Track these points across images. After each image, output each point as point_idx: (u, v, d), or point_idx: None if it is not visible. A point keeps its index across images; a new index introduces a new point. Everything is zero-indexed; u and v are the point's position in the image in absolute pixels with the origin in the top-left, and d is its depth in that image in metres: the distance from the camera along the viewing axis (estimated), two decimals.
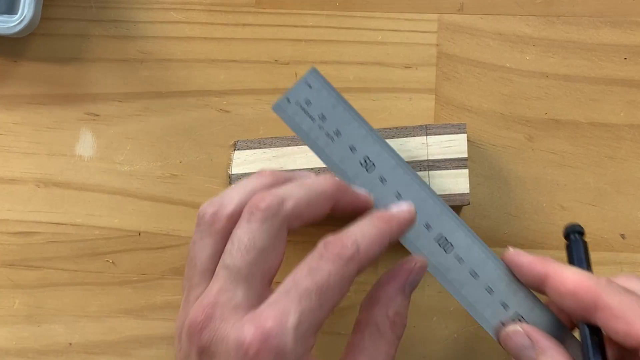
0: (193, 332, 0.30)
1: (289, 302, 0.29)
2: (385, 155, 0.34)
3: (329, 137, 0.35)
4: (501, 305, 0.34)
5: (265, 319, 0.29)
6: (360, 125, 0.35)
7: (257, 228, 0.31)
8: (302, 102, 0.35)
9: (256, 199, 0.31)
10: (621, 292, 0.31)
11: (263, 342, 0.29)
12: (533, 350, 0.33)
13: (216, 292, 0.30)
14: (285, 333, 0.29)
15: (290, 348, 0.29)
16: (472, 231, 0.34)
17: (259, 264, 0.31)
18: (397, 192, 0.34)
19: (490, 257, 0.34)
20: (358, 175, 0.35)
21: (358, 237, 0.31)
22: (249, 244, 0.31)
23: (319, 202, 0.33)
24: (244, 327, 0.29)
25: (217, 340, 0.30)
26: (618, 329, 0.31)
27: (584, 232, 0.35)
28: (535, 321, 0.34)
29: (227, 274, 0.30)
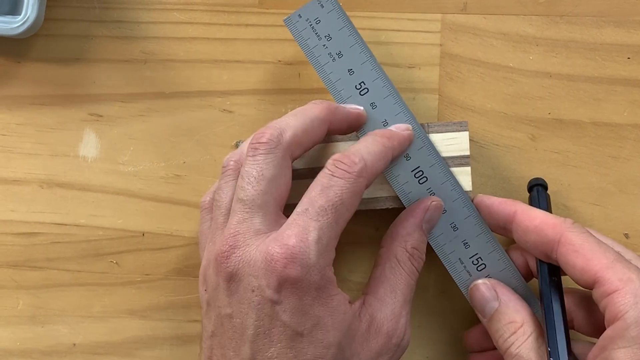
0: (220, 262, 0.32)
1: (308, 220, 0.32)
2: (380, 83, 0.37)
3: (330, 57, 0.37)
4: (462, 244, 0.37)
5: (288, 237, 0.31)
6: (362, 51, 0.37)
7: (262, 160, 0.33)
8: (312, 20, 0.37)
9: (257, 135, 0.34)
10: (584, 232, 0.33)
11: (289, 257, 0.31)
12: (496, 302, 0.35)
13: (235, 223, 0.33)
14: (308, 248, 0.31)
15: (313, 261, 0.31)
16: (450, 170, 0.37)
17: (270, 192, 0.33)
18: (384, 120, 0.37)
19: (461, 196, 0.37)
20: (352, 96, 0.37)
21: (364, 154, 0.34)
22: (258, 175, 0.33)
23: (315, 127, 0.35)
24: (269, 247, 0.31)
25: (244, 263, 0.32)
26: (576, 264, 0.32)
27: (547, 186, 0.38)
28: (492, 265, 0.36)
29: (243, 206, 0.33)
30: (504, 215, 0.35)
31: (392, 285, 0.35)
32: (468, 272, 0.36)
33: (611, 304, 0.30)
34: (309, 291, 0.31)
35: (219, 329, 0.33)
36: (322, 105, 0.35)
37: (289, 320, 0.31)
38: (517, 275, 0.36)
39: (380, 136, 0.35)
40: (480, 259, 0.36)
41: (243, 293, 0.32)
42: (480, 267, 0.36)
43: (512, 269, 0.36)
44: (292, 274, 0.31)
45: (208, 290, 0.34)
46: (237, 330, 0.32)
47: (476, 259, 0.36)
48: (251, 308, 0.31)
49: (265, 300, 0.31)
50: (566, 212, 0.40)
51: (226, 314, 0.32)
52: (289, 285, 0.31)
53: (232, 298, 0.32)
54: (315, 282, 0.31)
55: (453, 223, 0.37)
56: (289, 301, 0.31)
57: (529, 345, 0.33)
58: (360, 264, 0.40)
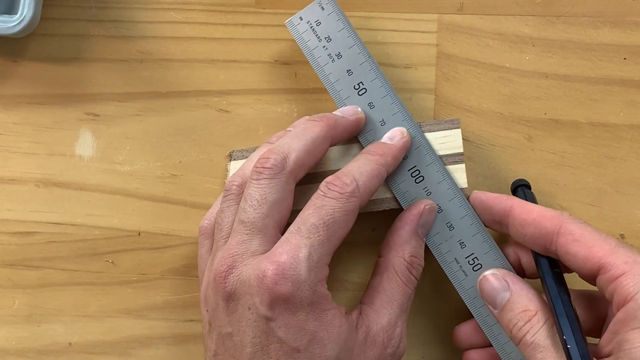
0: (218, 282, 0.33)
1: (300, 238, 0.32)
2: (378, 83, 0.38)
3: (330, 58, 0.38)
4: (458, 243, 0.37)
5: (279, 255, 0.32)
6: (361, 52, 0.38)
7: (266, 184, 0.33)
8: (313, 22, 0.38)
9: (261, 160, 0.34)
10: (582, 222, 0.33)
11: (280, 274, 0.31)
12: (508, 292, 0.34)
13: (235, 244, 0.33)
14: (298, 265, 0.32)
15: (304, 277, 0.32)
16: (446, 168, 0.37)
17: (271, 215, 0.33)
18: (382, 119, 0.37)
19: (458, 196, 0.37)
20: (350, 96, 0.38)
21: (355, 175, 0.34)
22: (261, 199, 0.33)
23: (317, 146, 0.35)
24: (261, 265, 0.32)
25: (241, 282, 0.32)
26: (578, 252, 0.32)
27: (530, 186, 0.38)
28: (488, 265, 0.36)
29: (243, 227, 0.33)
30: (499, 210, 0.35)
31: (389, 295, 0.35)
32: (464, 271, 0.36)
33: (620, 287, 0.30)
34: (301, 307, 0.32)
35: (220, 348, 0.33)
36: (322, 122, 0.36)
37: (285, 336, 0.32)
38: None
39: (372, 154, 0.36)
40: (476, 258, 0.36)
41: (241, 312, 0.32)
42: (477, 267, 0.36)
43: (508, 269, 0.36)
44: (282, 290, 0.31)
45: (209, 311, 0.34)
46: (237, 348, 0.32)
47: (472, 258, 0.36)
48: (248, 326, 0.32)
49: (260, 317, 0.32)
50: None
51: (226, 333, 0.33)
52: (281, 301, 0.31)
53: (231, 317, 0.33)
54: (307, 297, 0.32)
55: (449, 222, 0.37)
56: (283, 317, 0.32)
57: (545, 333, 0.32)
58: (356, 263, 0.41)
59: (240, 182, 0.36)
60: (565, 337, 0.31)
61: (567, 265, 0.33)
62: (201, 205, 0.41)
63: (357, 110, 0.37)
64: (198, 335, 0.41)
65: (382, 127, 0.37)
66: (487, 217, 0.36)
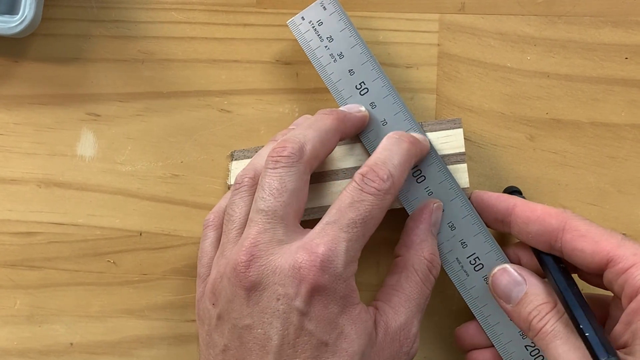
0: (239, 272, 0.32)
1: (338, 231, 0.32)
2: (380, 83, 0.38)
3: (332, 58, 0.38)
4: (460, 243, 0.37)
5: (316, 246, 0.31)
6: (363, 52, 0.38)
7: (285, 172, 0.33)
8: (315, 22, 0.38)
9: (278, 149, 0.33)
10: (586, 219, 0.33)
11: (318, 266, 0.31)
12: (524, 285, 0.34)
13: (256, 233, 0.32)
14: (337, 258, 0.31)
15: (341, 271, 0.31)
16: (447, 168, 0.37)
17: (291, 204, 0.33)
18: (384, 119, 0.38)
19: (459, 195, 0.37)
20: (352, 96, 0.38)
21: (391, 168, 0.34)
22: (281, 187, 0.33)
23: (329, 138, 0.35)
24: (296, 255, 0.31)
25: (269, 272, 0.31)
26: (585, 248, 0.32)
27: (522, 192, 0.38)
28: (490, 264, 0.36)
29: (264, 216, 0.32)
30: (502, 209, 0.35)
31: (407, 294, 0.35)
32: (465, 271, 0.36)
33: (630, 278, 0.31)
34: (334, 300, 0.31)
35: (234, 342, 0.32)
36: (332, 115, 0.36)
37: (315, 330, 0.31)
38: None
39: (405, 141, 0.35)
40: (477, 258, 0.36)
41: (267, 302, 0.31)
42: (478, 267, 0.36)
43: None
44: (320, 282, 0.31)
45: (219, 304, 0.33)
46: (258, 341, 0.31)
47: (474, 258, 0.36)
48: (276, 317, 0.31)
49: (291, 309, 0.31)
50: None
51: (245, 325, 0.32)
52: (316, 293, 0.31)
53: (253, 308, 0.32)
54: (341, 291, 0.31)
55: (451, 222, 0.37)
56: (316, 310, 0.31)
57: (565, 322, 0.33)
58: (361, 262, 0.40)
59: (252, 174, 0.35)
60: (582, 326, 0.31)
61: (573, 262, 0.33)
62: (203, 206, 0.41)
63: (361, 107, 0.37)
64: None
65: (384, 127, 0.37)
66: (490, 217, 0.36)
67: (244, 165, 0.40)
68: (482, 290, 0.36)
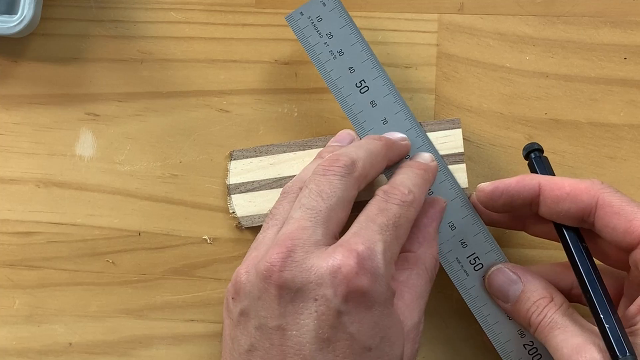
0: (272, 269, 0.30)
1: (372, 233, 0.31)
2: (380, 82, 0.37)
3: (331, 55, 0.37)
4: (460, 243, 0.36)
5: (355, 244, 0.30)
6: (363, 49, 0.38)
7: (336, 180, 0.32)
8: (314, 18, 0.37)
9: (331, 159, 0.33)
10: (617, 192, 0.32)
11: (359, 263, 0.29)
12: (519, 284, 0.34)
13: (295, 229, 0.31)
14: (376, 257, 0.30)
15: (382, 271, 0.30)
16: (448, 168, 0.37)
17: (336, 211, 0.32)
18: (384, 118, 0.37)
19: (459, 195, 0.37)
20: (352, 94, 0.37)
21: (411, 187, 0.33)
22: (330, 191, 0.32)
23: (378, 162, 0.34)
24: (335, 253, 0.30)
25: (305, 271, 0.30)
26: (618, 226, 0.32)
27: (543, 149, 0.36)
28: (489, 264, 0.36)
29: (308, 214, 0.31)
30: (527, 192, 0.34)
31: (419, 292, 0.34)
32: (465, 271, 0.36)
33: None
34: (377, 302, 0.30)
35: (262, 342, 0.30)
36: (382, 141, 0.35)
37: (357, 333, 0.29)
38: None
39: (417, 168, 0.35)
40: (477, 258, 0.36)
41: (302, 303, 0.29)
42: (478, 266, 0.36)
43: None
44: (361, 282, 0.29)
45: (242, 299, 0.31)
46: (292, 344, 0.29)
47: (473, 258, 0.36)
48: (313, 319, 0.29)
49: (330, 310, 0.29)
50: None
51: (276, 326, 0.30)
52: (358, 294, 0.29)
53: (285, 308, 0.30)
54: (383, 293, 0.30)
55: (451, 222, 0.37)
56: (357, 312, 0.29)
57: (563, 313, 0.32)
58: None
59: (300, 185, 0.34)
60: (602, 316, 0.31)
61: (603, 237, 0.33)
62: (201, 205, 0.41)
63: (404, 136, 0.37)
64: (199, 336, 0.41)
65: (384, 126, 0.37)
66: (515, 202, 0.34)
67: (242, 164, 0.40)
68: (481, 290, 0.36)
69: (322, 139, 0.40)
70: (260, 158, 0.40)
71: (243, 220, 0.40)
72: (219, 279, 0.41)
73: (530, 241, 0.40)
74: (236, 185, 0.40)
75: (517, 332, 0.36)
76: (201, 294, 0.41)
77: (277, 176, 0.40)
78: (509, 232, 0.40)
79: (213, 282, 0.41)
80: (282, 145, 0.40)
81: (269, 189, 0.40)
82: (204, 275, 0.41)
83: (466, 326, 0.40)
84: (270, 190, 0.40)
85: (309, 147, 0.40)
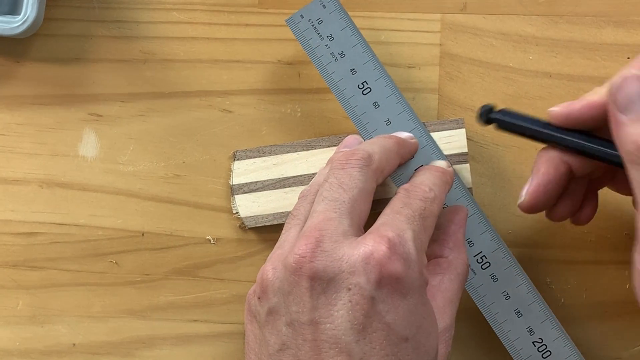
0: (302, 262, 0.29)
1: (400, 222, 0.30)
2: (383, 83, 0.37)
3: (333, 57, 0.37)
4: (466, 242, 0.36)
5: (385, 231, 0.30)
6: (365, 51, 0.38)
7: (356, 172, 0.32)
8: (315, 21, 0.37)
9: (347, 154, 0.32)
10: None
11: (390, 249, 0.29)
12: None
13: (321, 220, 0.30)
14: (406, 243, 0.30)
15: (414, 257, 0.30)
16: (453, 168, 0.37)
17: (359, 202, 0.31)
18: (387, 119, 0.37)
19: (465, 195, 0.37)
20: (354, 96, 0.37)
21: (431, 185, 0.33)
22: (351, 183, 0.31)
23: (392, 158, 0.35)
24: (365, 240, 0.29)
25: (336, 260, 0.29)
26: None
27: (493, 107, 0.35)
28: (496, 263, 0.36)
29: (333, 205, 0.31)
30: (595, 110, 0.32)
31: (450, 296, 0.33)
32: (472, 270, 0.36)
33: None
34: (412, 289, 0.29)
35: (295, 340, 0.29)
36: (393, 139, 0.35)
37: (394, 322, 0.28)
38: (521, 273, 0.36)
39: (439, 171, 0.35)
40: (484, 257, 0.36)
41: (334, 294, 0.28)
42: (485, 265, 0.36)
43: (516, 267, 0.36)
44: (394, 267, 0.29)
45: (270, 298, 0.30)
46: (327, 337, 0.28)
47: (480, 257, 0.36)
48: (347, 309, 0.28)
49: (364, 298, 0.28)
50: None
51: (308, 320, 0.29)
52: (392, 281, 0.28)
53: (317, 300, 0.28)
54: (417, 279, 0.29)
55: None
56: (393, 299, 0.29)
57: None
58: None
59: (318, 188, 0.33)
60: None
61: None
62: (204, 206, 0.41)
63: (412, 135, 0.37)
64: (202, 336, 0.41)
65: (387, 127, 0.37)
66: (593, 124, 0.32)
67: (246, 165, 0.40)
68: (489, 288, 0.36)
69: (326, 139, 0.40)
70: (263, 158, 0.40)
71: (246, 221, 0.40)
72: (222, 279, 0.41)
73: (533, 241, 0.40)
74: (239, 186, 0.40)
75: (526, 329, 0.36)
76: (204, 295, 0.41)
77: (280, 176, 0.40)
78: (513, 232, 0.40)
79: (216, 282, 0.41)
80: (285, 145, 0.40)
81: (272, 189, 0.40)
82: (207, 276, 0.41)
83: (474, 325, 0.40)
84: (273, 190, 0.40)
85: (312, 147, 0.40)
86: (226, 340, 0.41)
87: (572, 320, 0.40)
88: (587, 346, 0.40)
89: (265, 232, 0.41)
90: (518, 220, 0.40)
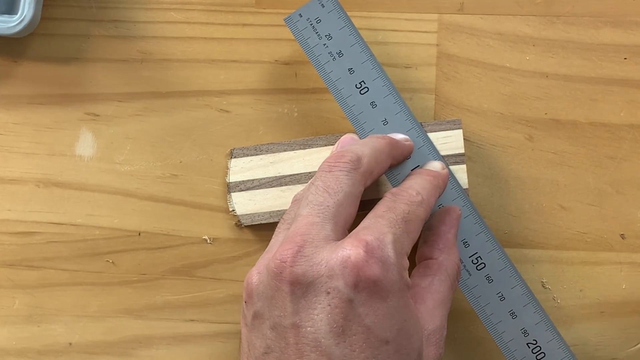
0: (283, 266, 0.29)
1: (381, 226, 0.31)
2: (380, 82, 0.37)
3: (331, 56, 0.38)
4: (462, 243, 0.37)
5: (364, 235, 0.30)
6: (363, 50, 0.38)
7: (343, 176, 0.32)
8: (313, 20, 0.38)
9: (336, 155, 0.33)
10: None
11: (368, 253, 0.29)
12: None
13: (304, 225, 0.30)
14: (385, 246, 0.30)
15: (392, 260, 0.30)
16: (449, 168, 0.37)
17: (344, 206, 0.31)
18: (384, 119, 0.37)
19: (461, 195, 0.37)
20: (352, 95, 0.37)
21: (419, 189, 0.33)
22: (337, 187, 0.31)
23: (382, 160, 0.34)
24: (344, 244, 0.30)
25: (316, 264, 0.29)
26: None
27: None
28: (491, 264, 0.36)
29: (317, 209, 0.31)
30: None
31: (441, 298, 0.33)
32: (468, 271, 0.36)
33: None
34: (391, 292, 0.29)
35: (278, 343, 0.29)
36: (385, 140, 0.35)
37: (373, 325, 0.29)
38: (516, 274, 0.36)
39: (429, 175, 0.35)
40: (479, 258, 0.36)
41: (314, 297, 0.29)
42: (480, 266, 0.36)
43: (511, 269, 0.36)
44: (371, 271, 0.29)
45: (254, 302, 0.31)
46: (308, 341, 0.29)
47: (475, 258, 0.37)
48: (326, 312, 0.29)
49: (343, 302, 0.29)
50: (562, 212, 0.40)
51: (290, 324, 0.29)
52: (370, 284, 0.29)
53: (298, 304, 0.29)
54: (396, 282, 0.30)
55: None
56: (371, 302, 0.29)
57: None
58: None
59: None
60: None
61: None
62: (201, 205, 0.41)
63: (407, 137, 0.37)
64: (199, 336, 0.41)
65: (385, 127, 0.37)
66: None
67: (243, 162, 0.40)
68: (484, 289, 0.36)
69: (323, 138, 0.40)
70: (260, 156, 0.40)
71: (243, 219, 0.40)
72: (219, 279, 0.41)
73: (530, 241, 0.40)
74: (236, 183, 0.40)
75: (521, 330, 0.36)
76: (201, 294, 0.41)
77: (277, 174, 0.40)
78: (509, 232, 0.40)
79: (213, 282, 0.41)
80: (282, 143, 0.40)
81: (269, 187, 0.40)
82: (204, 276, 0.41)
83: (469, 326, 0.40)
84: (270, 188, 0.40)
85: (309, 146, 0.40)
86: (223, 340, 0.41)
87: (568, 320, 0.40)
88: (582, 347, 0.40)
89: (262, 232, 0.41)
90: (514, 221, 0.40)
